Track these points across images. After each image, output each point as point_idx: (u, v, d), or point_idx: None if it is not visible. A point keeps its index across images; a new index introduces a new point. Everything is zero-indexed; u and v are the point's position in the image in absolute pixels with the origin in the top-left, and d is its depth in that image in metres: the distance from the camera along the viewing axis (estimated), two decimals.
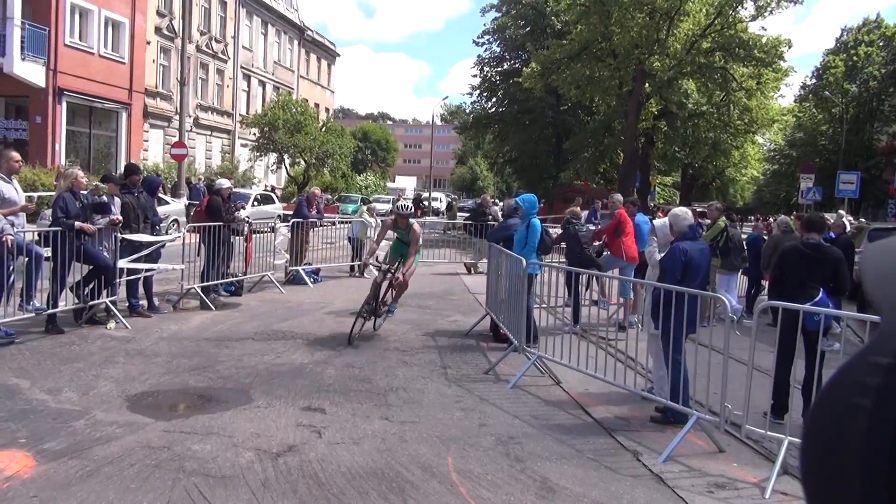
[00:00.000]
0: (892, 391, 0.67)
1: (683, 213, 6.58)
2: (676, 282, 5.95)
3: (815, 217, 7.40)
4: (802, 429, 0.77)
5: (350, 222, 16.74)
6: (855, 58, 46.66)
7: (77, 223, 8.27)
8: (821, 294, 5.91)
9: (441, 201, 59.11)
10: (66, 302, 8.58)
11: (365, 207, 17.03)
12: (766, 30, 33.54)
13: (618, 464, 5.18)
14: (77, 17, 26.71)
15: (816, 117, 50.24)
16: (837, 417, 0.72)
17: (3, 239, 7.41)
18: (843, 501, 0.70)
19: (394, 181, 71.20)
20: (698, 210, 14.15)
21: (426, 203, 47.59)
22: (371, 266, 8.88)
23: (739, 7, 28.95)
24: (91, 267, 8.72)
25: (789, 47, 29.33)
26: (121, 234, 9.01)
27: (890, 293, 0.75)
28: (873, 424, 0.67)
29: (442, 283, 14.75)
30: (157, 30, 32.11)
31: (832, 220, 12.81)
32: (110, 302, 8.91)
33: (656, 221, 7.35)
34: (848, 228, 17.18)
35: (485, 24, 44.30)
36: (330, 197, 33.35)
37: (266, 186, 36.24)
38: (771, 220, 25.80)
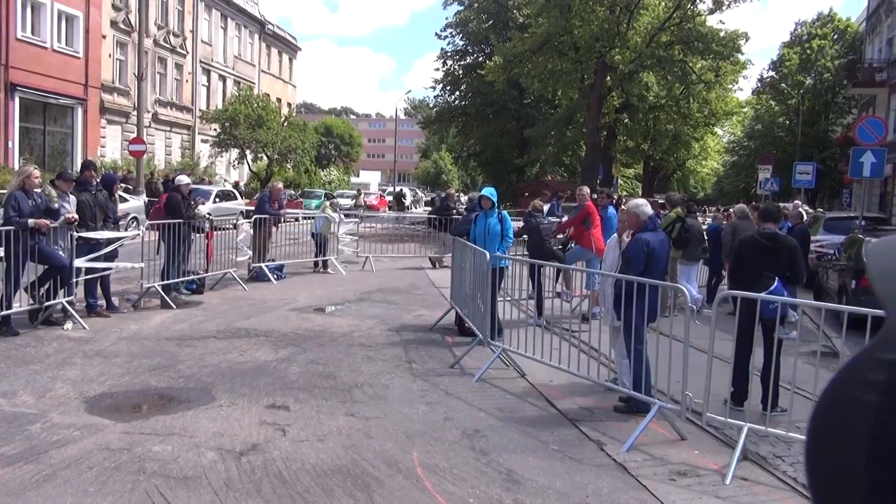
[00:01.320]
0: None
1: (643, 203, 6.66)
2: (640, 272, 6.02)
3: (770, 207, 7.53)
4: (808, 423, 0.77)
5: (313, 218, 16.61)
6: (809, 51, 47.62)
7: (31, 221, 8.07)
8: (776, 283, 5.99)
9: (406, 196, 59.08)
10: (21, 303, 8.36)
11: (328, 203, 16.90)
12: (724, 23, 34.10)
13: (582, 454, 5.23)
14: (28, 10, 25.98)
15: (773, 109, 51.21)
16: (843, 413, 0.72)
17: None
18: (850, 495, 0.70)
19: (358, 176, 70.86)
20: (659, 201, 14.32)
21: (405, 199, 47.43)
22: None
23: (698, 0, 29.37)
24: (46, 266, 8.52)
25: (746, 40, 29.89)
26: (77, 232, 8.81)
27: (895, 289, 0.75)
28: (879, 420, 0.67)
29: (407, 277, 14.72)
30: (113, 23, 31.43)
31: (789, 211, 13.11)
32: (67, 302, 8.71)
33: (609, 242, 7.25)
34: (804, 218, 17.60)
35: (447, 18, 44.23)
36: (293, 192, 33.06)
37: (232, 183, 35.72)
38: (730, 210, 26.24)
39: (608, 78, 30.05)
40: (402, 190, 53.84)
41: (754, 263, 6.36)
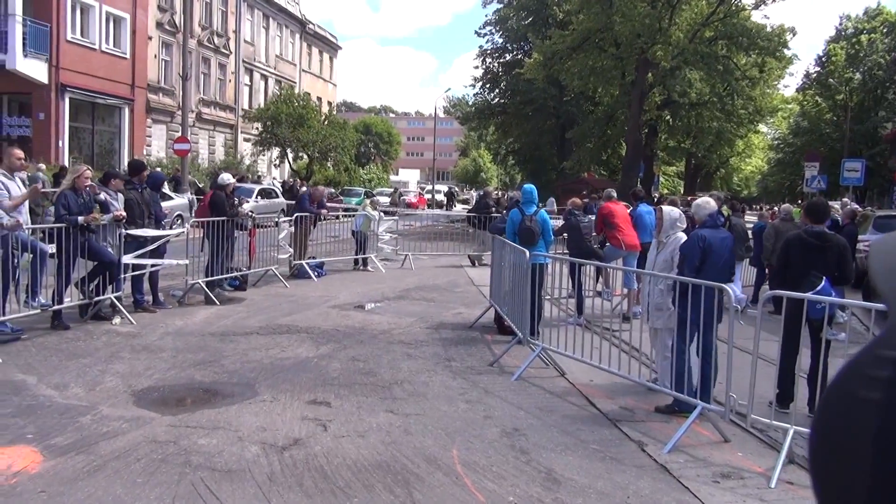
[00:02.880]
0: None
1: (704, 202, 6.59)
2: (695, 268, 5.93)
3: (819, 204, 7.22)
4: (811, 421, 0.77)
5: (353, 216, 16.76)
6: (857, 46, 46.36)
7: (81, 217, 8.29)
8: (823, 282, 5.84)
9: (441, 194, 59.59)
10: (72, 298, 8.60)
11: (368, 201, 17.03)
12: (768, 18, 33.45)
13: (622, 454, 5.19)
14: (78, 12, 26.68)
15: (820, 105, 50.00)
16: (846, 411, 0.72)
17: (5, 223, 7.41)
18: (852, 494, 0.70)
19: (397, 174, 71.17)
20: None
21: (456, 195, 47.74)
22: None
23: None
24: (96, 263, 8.75)
25: (793, 35, 29.23)
26: (125, 229, 9.02)
27: None
28: (882, 417, 0.67)
29: (446, 275, 14.75)
30: (159, 25, 32.09)
31: (838, 210, 12.84)
32: (115, 297, 8.93)
33: (665, 208, 7.12)
34: (857, 217, 17.19)
35: (487, 15, 44.15)
36: (333, 191, 33.36)
37: (286, 181, 36.10)
38: (776, 208, 25.72)
39: (650, 74, 29.66)
40: (451, 189, 54.20)
41: (801, 263, 6.25)
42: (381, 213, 17.08)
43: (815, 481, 0.76)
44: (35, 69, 24.55)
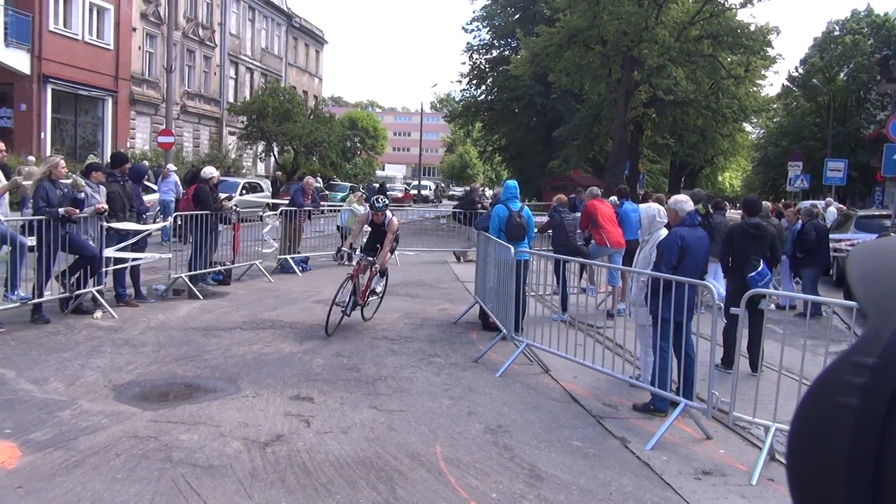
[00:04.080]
0: (877, 391, 0.68)
1: (684, 199, 6.59)
2: (672, 266, 5.95)
3: (753, 200, 8.40)
4: (789, 427, 0.78)
5: (339, 211, 16.70)
6: (842, 47, 46.72)
7: (61, 209, 8.18)
8: (762, 265, 7.06)
9: (430, 189, 59.75)
10: (52, 291, 8.50)
11: (354, 196, 16.96)
12: (754, 17, 33.68)
13: (605, 451, 5.20)
14: (61, 2, 26.36)
15: (804, 106, 50.38)
16: (823, 417, 0.73)
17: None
18: (828, 498, 0.70)
19: (383, 169, 71.05)
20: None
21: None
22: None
23: None
24: (77, 256, 8.64)
25: (777, 34, 29.40)
26: (107, 222, 8.92)
27: (875, 293, 0.75)
28: (859, 424, 0.68)
29: (431, 271, 14.73)
30: (143, 16, 31.76)
31: (818, 208, 13.11)
32: (97, 291, 8.84)
33: (641, 206, 7.47)
34: (834, 216, 17.42)
35: (474, 11, 44.14)
36: (319, 185, 33.23)
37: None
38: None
39: (636, 72, 29.72)
40: (472, 186, 53.47)
41: (743, 249, 7.40)
42: (367, 208, 17.03)
43: (792, 485, 0.76)
44: (17, 59, 24.24)
